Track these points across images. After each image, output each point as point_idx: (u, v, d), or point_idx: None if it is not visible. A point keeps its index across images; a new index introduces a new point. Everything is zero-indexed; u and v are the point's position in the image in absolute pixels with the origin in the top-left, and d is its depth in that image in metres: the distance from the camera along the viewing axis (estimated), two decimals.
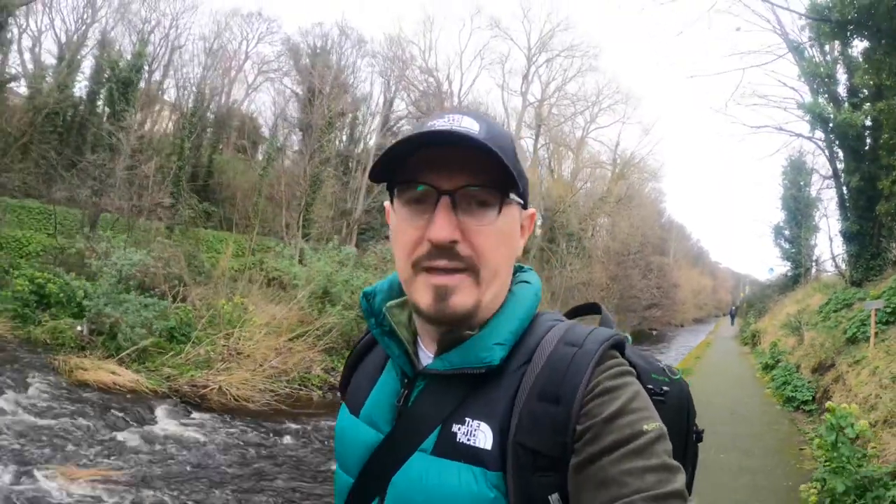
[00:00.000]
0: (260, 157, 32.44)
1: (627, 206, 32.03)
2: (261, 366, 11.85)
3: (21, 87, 22.89)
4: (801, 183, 24.33)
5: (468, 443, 0.79)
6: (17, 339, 12.62)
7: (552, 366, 0.79)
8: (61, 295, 13.30)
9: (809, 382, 10.19)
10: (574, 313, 1.08)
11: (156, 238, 16.37)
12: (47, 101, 21.07)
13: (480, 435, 0.79)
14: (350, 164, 28.27)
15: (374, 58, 29.78)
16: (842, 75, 13.62)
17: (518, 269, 0.95)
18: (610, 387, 0.76)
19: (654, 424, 0.73)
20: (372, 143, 30.45)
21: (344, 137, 29.54)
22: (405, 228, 0.83)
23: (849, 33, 10.83)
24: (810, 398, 9.61)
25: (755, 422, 8.99)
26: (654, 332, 39.01)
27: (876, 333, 8.70)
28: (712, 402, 9.92)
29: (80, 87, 23.73)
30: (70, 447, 7.55)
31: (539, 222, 28.54)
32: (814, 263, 24.12)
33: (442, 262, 0.81)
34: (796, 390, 10.01)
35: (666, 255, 50.08)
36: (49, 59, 23.96)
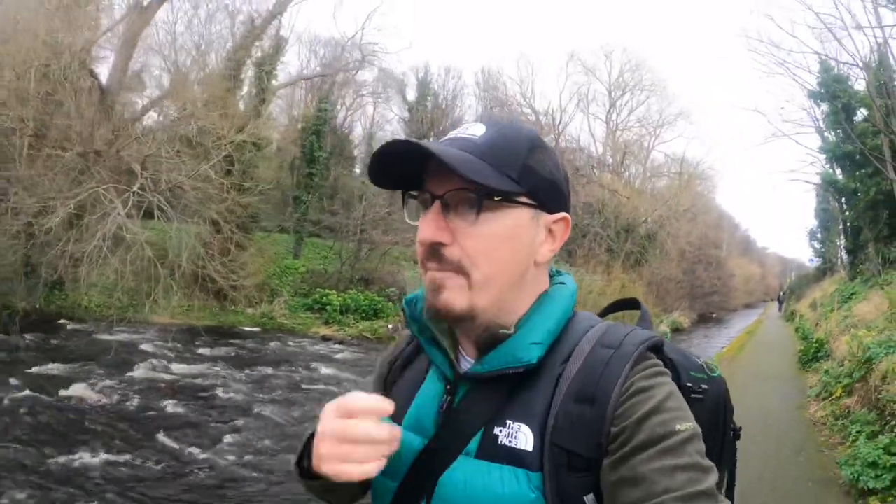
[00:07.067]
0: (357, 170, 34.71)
1: (692, 211, 39.08)
2: None
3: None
4: (830, 198, 29.68)
5: (510, 445, 0.79)
6: (341, 336, 18.29)
7: (589, 367, 0.79)
8: (365, 304, 20.65)
9: (813, 331, 18.89)
10: (614, 308, 1.13)
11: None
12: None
13: (521, 437, 0.79)
14: None
15: (475, 87, 36.15)
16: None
17: (556, 273, 0.95)
18: (644, 386, 0.76)
19: (686, 424, 0.73)
20: None
21: None
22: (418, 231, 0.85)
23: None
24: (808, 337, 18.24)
25: (787, 349, 17.84)
26: (714, 316, 44.21)
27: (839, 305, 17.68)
28: (768, 344, 19.41)
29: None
30: None
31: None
32: (839, 260, 29.44)
33: (431, 265, 0.83)
34: (806, 335, 18.34)
35: (720, 248, 53.97)
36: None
